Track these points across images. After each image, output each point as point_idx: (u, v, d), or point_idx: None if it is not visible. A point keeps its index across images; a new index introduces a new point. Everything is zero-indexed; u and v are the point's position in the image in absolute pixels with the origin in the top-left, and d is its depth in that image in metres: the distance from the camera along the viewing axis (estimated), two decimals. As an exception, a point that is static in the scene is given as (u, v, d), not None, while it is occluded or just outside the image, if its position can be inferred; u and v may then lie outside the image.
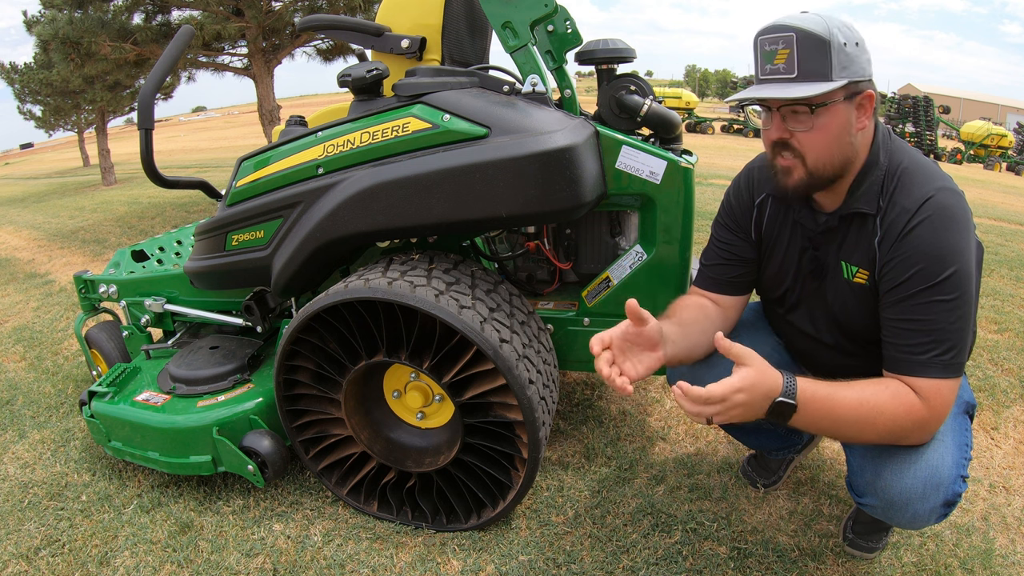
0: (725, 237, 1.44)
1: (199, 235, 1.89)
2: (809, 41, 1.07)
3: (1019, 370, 2.49)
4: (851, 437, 1.17)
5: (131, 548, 1.59)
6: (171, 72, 2.15)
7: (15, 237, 6.51)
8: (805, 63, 1.08)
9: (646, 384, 2.36)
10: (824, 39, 1.07)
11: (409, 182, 1.46)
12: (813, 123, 1.12)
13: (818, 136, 1.13)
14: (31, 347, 3.04)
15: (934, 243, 1.08)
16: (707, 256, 1.47)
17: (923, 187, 1.13)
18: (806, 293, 1.35)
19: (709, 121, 19.11)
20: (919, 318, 1.10)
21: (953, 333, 1.08)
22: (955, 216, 1.10)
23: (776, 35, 1.10)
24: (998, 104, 39.22)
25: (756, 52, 1.15)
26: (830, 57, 1.07)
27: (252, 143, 12.87)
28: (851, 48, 1.09)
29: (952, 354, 1.09)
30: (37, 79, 12.43)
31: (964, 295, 1.09)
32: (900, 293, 1.12)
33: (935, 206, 1.10)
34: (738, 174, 1.45)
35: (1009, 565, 1.49)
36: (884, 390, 1.13)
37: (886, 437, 1.14)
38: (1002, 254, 4.33)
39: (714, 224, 1.48)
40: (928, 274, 1.08)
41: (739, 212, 1.41)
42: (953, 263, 1.08)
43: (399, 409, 1.69)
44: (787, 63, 1.10)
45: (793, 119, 1.14)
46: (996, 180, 12.31)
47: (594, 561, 1.51)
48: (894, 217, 1.14)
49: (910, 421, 1.11)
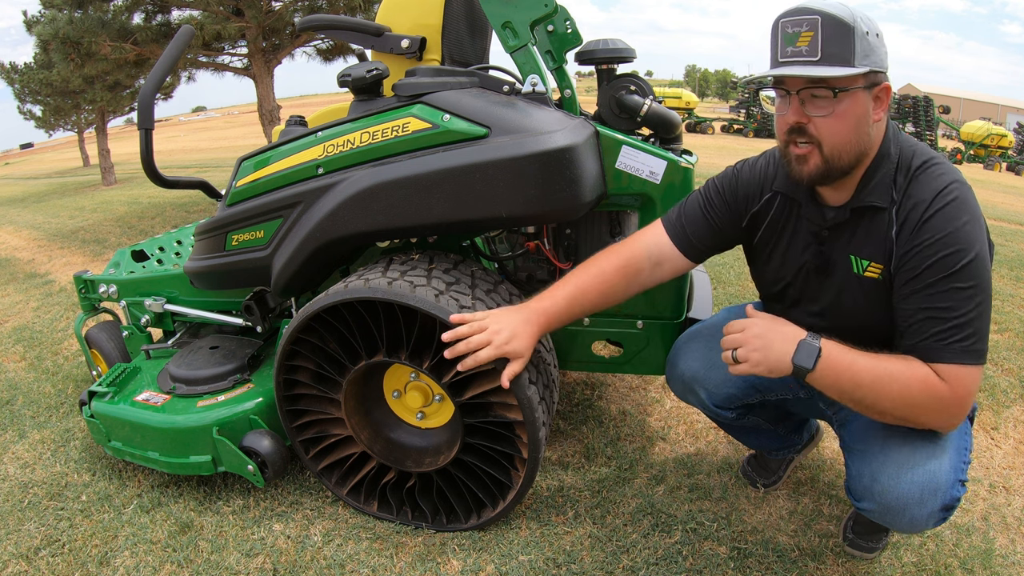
0: (716, 203, 1.40)
1: (199, 235, 1.89)
2: (834, 25, 1.06)
3: (1019, 370, 2.49)
4: (868, 400, 1.14)
5: (131, 548, 1.59)
6: (171, 72, 2.15)
7: (15, 237, 6.51)
8: (828, 46, 1.07)
9: (646, 384, 2.37)
10: (848, 24, 1.06)
11: (409, 182, 1.46)
12: (834, 108, 1.10)
13: (837, 122, 1.12)
14: (31, 347, 3.04)
15: (952, 232, 1.09)
16: (688, 207, 1.42)
17: (938, 178, 1.13)
18: (808, 289, 1.33)
19: (709, 121, 19.12)
20: (939, 306, 1.09)
21: (974, 320, 1.08)
22: (968, 207, 1.11)
23: (800, 17, 1.09)
24: (998, 104, 39.23)
25: (776, 34, 1.12)
26: (853, 43, 1.06)
27: (252, 143, 12.87)
28: (872, 38, 1.08)
29: (973, 340, 1.08)
30: (37, 79, 12.43)
31: (982, 283, 1.09)
32: (920, 282, 1.12)
33: (950, 196, 1.11)
34: (758, 157, 1.41)
35: (1009, 565, 1.49)
36: (901, 360, 1.13)
37: (900, 408, 1.12)
38: (1002, 254, 4.33)
39: (711, 185, 1.43)
40: (947, 262, 1.08)
41: (742, 194, 1.38)
42: (971, 251, 1.08)
43: (399, 409, 1.69)
44: (810, 45, 1.08)
45: (812, 104, 1.12)
46: (996, 180, 12.31)
47: (594, 561, 1.51)
48: (911, 207, 1.13)
49: (925, 395, 1.10)
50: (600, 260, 1.40)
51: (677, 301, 1.70)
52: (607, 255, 1.41)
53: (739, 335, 1.20)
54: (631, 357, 1.76)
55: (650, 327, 1.72)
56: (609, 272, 1.38)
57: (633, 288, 1.42)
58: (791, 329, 1.18)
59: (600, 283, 1.38)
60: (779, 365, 1.15)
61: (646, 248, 1.41)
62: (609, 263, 1.39)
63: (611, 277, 1.38)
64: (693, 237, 1.40)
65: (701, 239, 1.40)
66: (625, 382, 2.38)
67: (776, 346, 1.16)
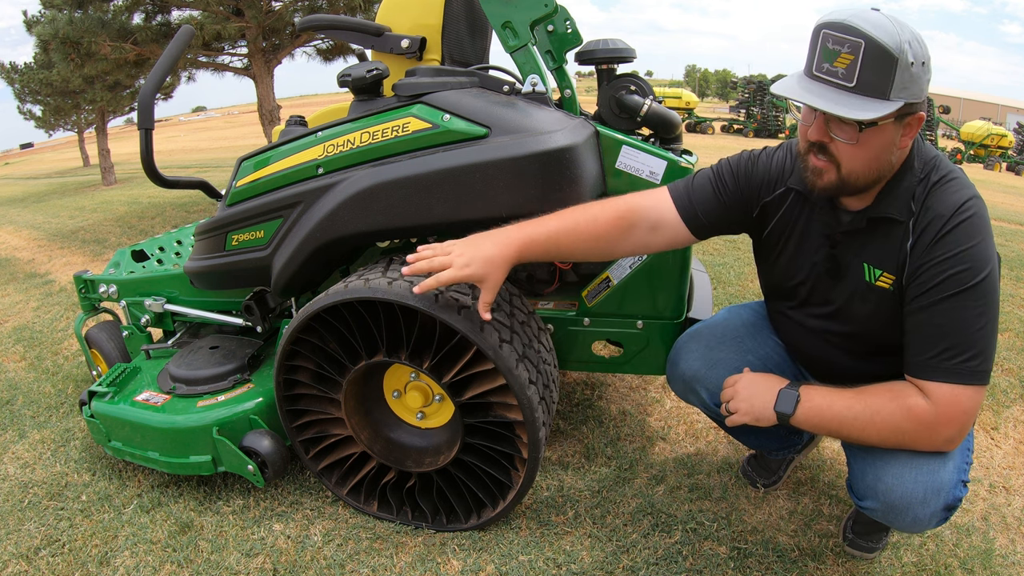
0: (729, 183, 1.35)
1: (199, 235, 1.89)
2: (877, 54, 1.00)
3: (1019, 370, 2.49)
4: (855, 435, 1.17)
5: (131, 548, 1.59)
6: (171, 72, 2.15)
7: (15, 237, 6.51)
8: (866, 74, 1.02)
9: (646, 384, 2.37)
10: (893, 55, 1.00)
11: (409, 182, 1.46)
12: (858, 138, 1.08)
13: (860, 150, 1.09)
14: (31, 347, 3.04)
15: (968, 249, 1.08)
16: (697, 183, 1.37)
17: (957, 193, 1.12)
18: (817, 291, 1.32)
19: (709, 121, 19.13)
20: (947, 322, 1.09)
21: (979, 339, 1.08)
22: (984, 224, 1.10)
23: (844, 36, 1.02)
24: (998, 104, 39.22)
25: (816, 43, 1.06)
26: (894, 75, 1.01)
27: (252, 143, 12.87)
28: (916, 68, 1.02)
29: (977, 361, 1.08)
30: (37, 79, 12.44)
31: (991, 302, 1.08)
32: (930, 298, 1.11)
33: (968, 213, 1.09)
34: (776, 148, 1.37)
35: (1009, 565, 1.49)
36: (885, 390, 1.14)
37: (889, 439, 1.14)
38: (1002, 254, 4.29)
39: (723, 165, 1.38)
40: (960, 279, 1.07)
41: (756, 181, 1.34)
42: (983, 270, 1.07)
43: (399, 409, 1.69)
44: (847, 70, 1.03)
45: (838, 128, 1.09)
46: (996, 180, 12.31)
47: (594, 561, 1.51)
48: (928, 222, 1.12)
49: (911, 423, 1.11)
50: (596, 206, 1.35)
51: (677, 301, 1.70)
52: (604, 203, 1.35)
53: (730, 390, 1.32)
54: (631, 357, 1.76)
55: (650, 327, 1.72)
56: (603, 220, 1.32)
57: (622, 245, 1.35)
58: (773, 381, 1.28)
59: (592, 227, 1.31)
60: (764, 414, 1.25)
61: (646, 209, 1.35)
62: (604, 211, 1.32)
63: (604, 225, 1.31)
64: (700, 211, 1.34)
65: (708, 214, 1.35)
66: (625, 382, 2.38)
67: (760, 396, 1.26)
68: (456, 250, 1.27)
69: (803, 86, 1.09)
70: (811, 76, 1.09)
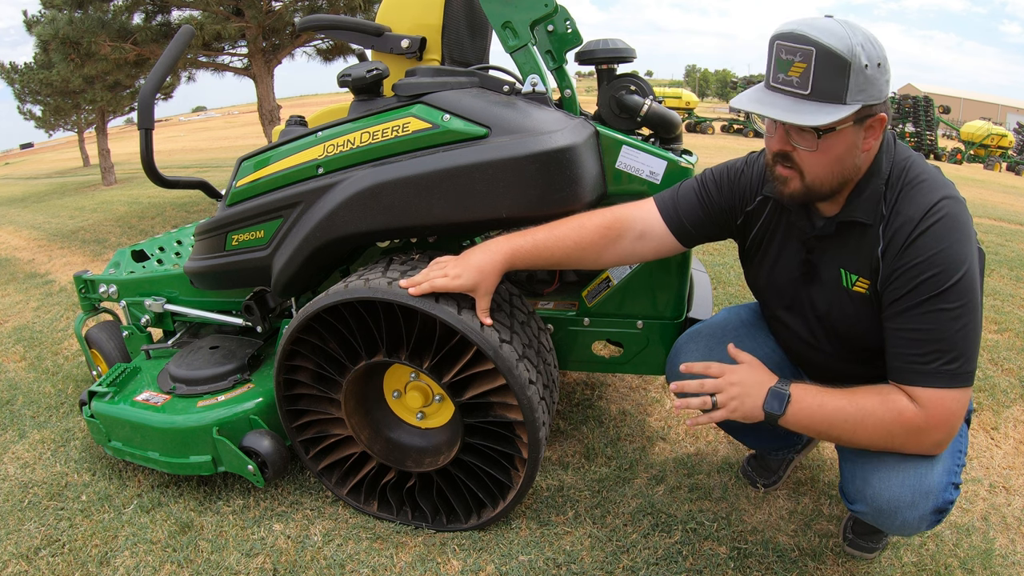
0: (713, 193, 1.39)
1: (199, 235, 1.89)
2: (828, 60, 1.02)
3: (1019, 370, 2.49)
4: (844, 437, 1.17)
5: (131, 548, 1.59)
6: (171, 72, 2.15)
7: (15, 237, 6.51)
8: (820, 82, 1.03)
9: (646, 384, 2.37)
10: (845, 60, 1.01)
11: (409, 182, 1.46)
12: (817, 145, 1.09)
13: (821, 156, 1.10)
14: (31, 347, 3.04)
15: (939, 252, 1.07)
16: (683, 192, 1.41)
17: (927, 196, 1.11)
18: (799, 296, 1.33)
19: (709, 121, 19.11)
20: (924, 327, 1.08)
21: (959, 341, 1.07)
22: (958, 224, 1.09)
23: (795, 45, 1.04)
24: (998, 104, 39.23)
25: (771, 55, 1.10)
26: (848, 79, 1.02)
27: (252, 143, 12.87)
28: (871, 70, 1.03)
29: (959, 363, 1.07)
30: (37, 79, 12.41)
31: (970, 303, 1.07)
32: (905, 303, 1.10)
33: (939, 215, 1.08)
34: (760, 156, 1.38)
35: (1009, 565, 1.49)
36: (875, 393, 1.14)
37: (878, 442, 1.14)
38: (1002, 254, 4.33)
39: (707, 176, 1.41)
40: (933, 283, 1.07)
41: (739, 191, 1.37)
42: (957, 271, 1.06)
43: (399, 409, 1.69)
44: (801, 78, 1.05)
45: (797, 136, 1.11)
46: (996, 180, 12.31)
47: (594, 561, 1.51)
48: (898, 226, 1.12)
49: (900, 427, 1.10)
50: (584, 216, 1.41)
51: (677, 301, 1.70)
52: (592, 213, 1.41)
53: (719, 381, 1.24)
54: (631, 357, 1.76)
55: (650, 327, 1.72)
56: (589, 228, 1.38)
57: (609, 254, 1.40)
58: (765, 376, 1.23)
59: (577, 236, 1.37)
60: (752, 412, 1.21)
61: (632, 219, 1.40)
62: (591, 220, 1.39)
63: (590, 233, 1.37)
64: (687, 220, 1.39)
65: (695, 224, 1.39)
66: (625, 382, 2.38)
67: (751, 393, 1.21)
68: (448, 265, 1.38)
69: (759, 98, 1.11)
70: (769, 87, 1.12)
